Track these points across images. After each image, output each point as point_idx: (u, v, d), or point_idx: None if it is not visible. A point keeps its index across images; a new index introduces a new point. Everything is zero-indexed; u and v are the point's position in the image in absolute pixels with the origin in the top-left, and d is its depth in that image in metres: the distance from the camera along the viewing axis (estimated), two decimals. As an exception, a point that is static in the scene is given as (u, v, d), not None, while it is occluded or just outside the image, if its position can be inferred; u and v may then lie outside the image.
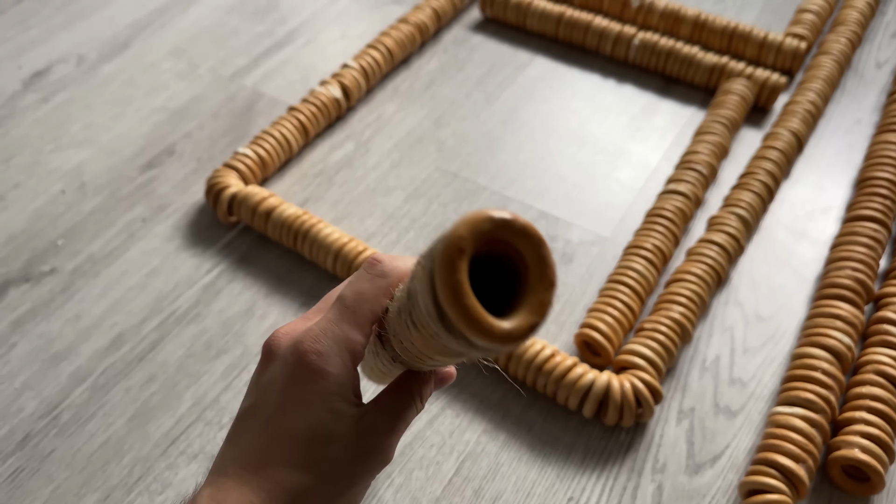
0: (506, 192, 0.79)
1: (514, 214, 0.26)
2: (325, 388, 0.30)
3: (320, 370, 0.30)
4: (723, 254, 0.68)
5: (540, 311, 0.26)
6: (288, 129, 0.81)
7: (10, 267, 0.73)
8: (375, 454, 0.31)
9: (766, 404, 0.62)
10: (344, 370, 0.31)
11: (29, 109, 0.90)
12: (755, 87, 0.85)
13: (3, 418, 0.62)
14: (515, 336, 0.26)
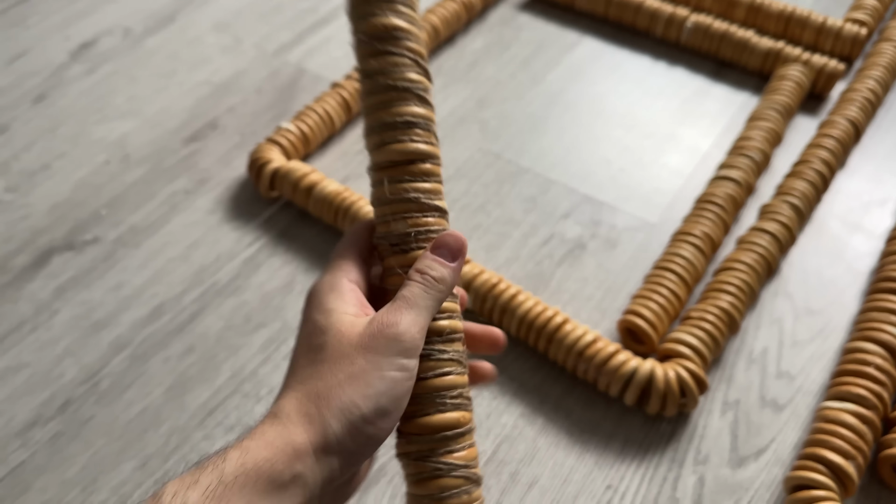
0: (549, 175, 0.77)
1: None
2: (321, 304, 0.34)
3: (318, 300, 0.35)
4: (774, 243, 0.66)
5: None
6: (331, 105, 0.80)
7: (54, 234, 0.74)
8: (381, 330, 0.32)
9: (814, 399, 0.60)
10: (338, 294, 0.34)
11: (75, 80, 0.91)
12: (811, 74, 0.82)
13: (45, 383, 0.62)
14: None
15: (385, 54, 0.37)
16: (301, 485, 0.30)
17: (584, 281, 0.68)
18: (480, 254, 0.71)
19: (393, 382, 0.32)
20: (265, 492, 0.29)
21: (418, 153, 0.37)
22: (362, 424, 0.31)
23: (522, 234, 0.72)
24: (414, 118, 0.37)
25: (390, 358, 0.32)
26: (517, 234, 0.72)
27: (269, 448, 0.30)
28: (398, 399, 0.32)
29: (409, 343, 0.32)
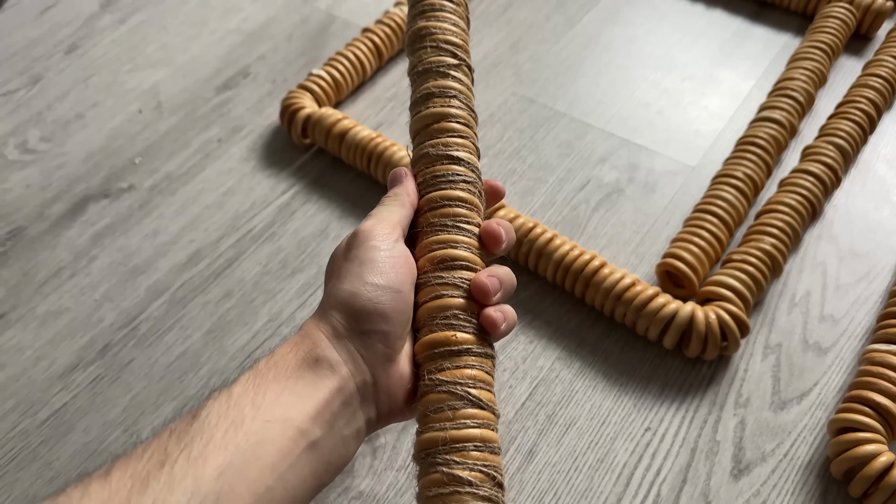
0: (586, 119, 0.76)
1: None
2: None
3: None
4: (818, 185, 0.64)
5: None
6: (362, 50, 0.79)
7: (90, 183, 0.74)
8: (352, 235, 0.37)
9: (859, 343, 0.59)
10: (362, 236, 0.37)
11: (106, 30, 0.91)
12: (858, 12, 0.79)
13: (85, 328, 0.63)
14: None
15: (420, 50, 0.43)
16: (327, 366, 0.33)
17: (621, 225, 0.67)
18: (515, 199, 0.70)
19: (371, 261, 0.35)
20: (297, 369, 0.32)
21: (436, 115, 0.41)
22: (359, 304, 0.34)
23: (558, 179, 0.71)
24: (434, 88, 0.42)
25: (363, 246, 0.35)
26: (552, 180, 0.71)
27: (292, 346, 0.33)
28: (388, 272, 0.35)
29: (370, 231, 0.36)
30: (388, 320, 0.34)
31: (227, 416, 0.29)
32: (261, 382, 0.31)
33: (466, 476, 0.33)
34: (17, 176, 0.75)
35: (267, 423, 0.30)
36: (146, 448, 0.29)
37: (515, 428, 0.55)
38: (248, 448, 0.29)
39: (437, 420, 0.34)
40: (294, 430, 0.30)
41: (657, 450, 0.54)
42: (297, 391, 0.31)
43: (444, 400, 0.35)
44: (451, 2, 0.45)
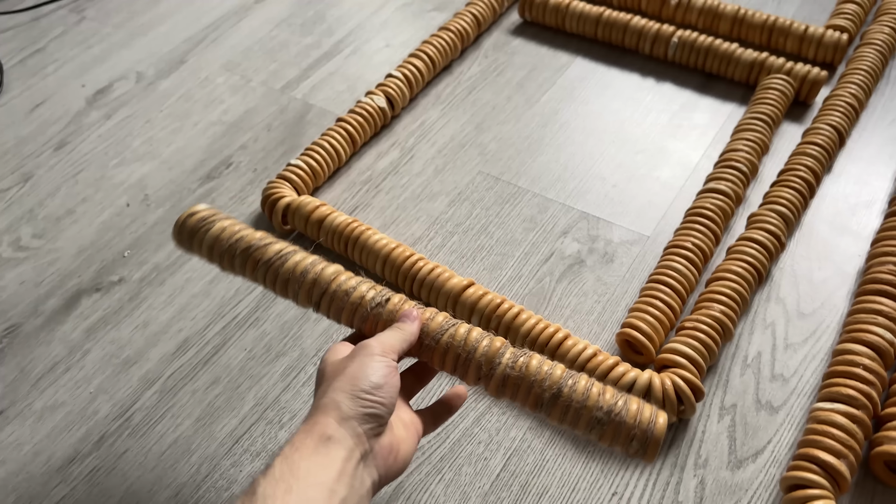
0: (547, 195, 0.81)
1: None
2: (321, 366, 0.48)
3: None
4: (763, 252, 0.69)
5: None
6: (336, 139, 0.84)
7: (82, 277, 0.78)
8: (360, 346, 0.47)
9: (808, 400, 0.63)
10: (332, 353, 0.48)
11: (94, 126, 0.96)
12: (795, 82, 0.85)
13: (80, 421, 0.67)
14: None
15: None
16: (336, 441, 0.41)
17: (583, 295, 0.72)
18: (484, 274, 0.74)
19: (378, 366, 0.44)
20: (315, 447, 0.41)
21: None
22: (364, 394, 0.43)
23: (524, 252, 0.76)
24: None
25: (371, 354, 0.45)
26: (518, 254, 0.76)
27: (306, 432, 0.42)
28: (385, 376, 0.44)
29: (380, 349, 0.46)
30: (383, 406, 0.44)
31: (279, 486, 0.38)
32: (292, 463, 0.40)
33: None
34: (11, 273, 0.79)
35: (309, 487, 0.39)
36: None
37: (491, 499, 0.59)
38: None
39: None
40: (328, 491, 0.39)
41: (623, 513, 0.57)
42: (320, 463, 0.40)
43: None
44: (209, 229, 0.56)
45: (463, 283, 0.68)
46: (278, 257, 0.54)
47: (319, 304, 0.53)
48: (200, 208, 0.58)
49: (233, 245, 0.54)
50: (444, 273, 0.69)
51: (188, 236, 0.57)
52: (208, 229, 0.56)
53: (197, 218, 0.57)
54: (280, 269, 0.53)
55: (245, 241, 0.54)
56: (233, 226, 0.56)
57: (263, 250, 0.54)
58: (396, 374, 0.46)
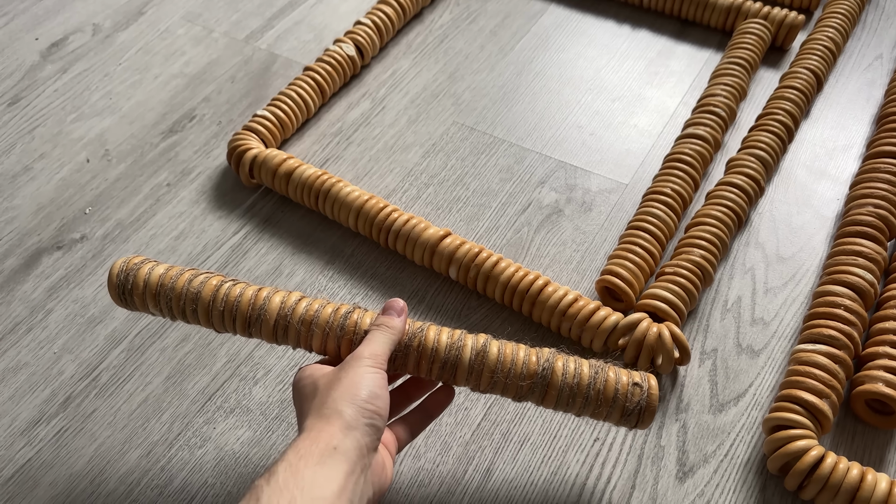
0: (523, 144, 0.79)
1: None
2: (301, 377, 0.48)
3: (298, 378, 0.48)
4: (743, 196, 0.68)
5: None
6: (304, 89, 0.81)
7: (42, 235, 0.75)
8: (350, 357, 0.47)
9: (788, 343, 0.62)
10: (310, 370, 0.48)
11: (49, 80, 0.91)
12: (772, 27, 0.84)
13: (45, 381, 0.64)
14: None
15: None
16: (342, 452, 0.41)
17: (562, 245, 0.70)
18: (461, 226, 0.72)
19: (372, 377, 0.45)
20: (321, 457, 0.40)
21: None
22: (364, 404, 0.43)
23: (501, 203, 0.74)
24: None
25: (363, 366, 0.45)
26: (495, 204, 0.74)
27: (312, 441, 0.41)
28: (380, 387, 0.45)
29: (371, 359, 0.46)
30: (382, 418, 0.44)
31: (283, 497, 0.38)
32: (296, 471, 0.39)
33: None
34: (-34, 233, 0.76)
35: (312, 500, 0.38)
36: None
37: (472, 448, 0.58)
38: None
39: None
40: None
41: (606, 459, 0.57)
42: (325, 475, 0.40)
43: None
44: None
45: (440, 234, 0.66)
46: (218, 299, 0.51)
47: (287, 337, 0.51)
48: (121, 263, 0.53)
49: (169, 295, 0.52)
50: (420, 224, 0.67)
51: (120, 294, 0.53)
52: (137, 284, 0.52)
53: (121, 271, 0.53)
54: (224, 311, 0.51)
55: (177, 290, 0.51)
56: (161, 272, 0.52)
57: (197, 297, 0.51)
58: (387, 386, 0.46)
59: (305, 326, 0.49)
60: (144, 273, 0.52)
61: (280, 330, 0.50)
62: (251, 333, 0.51)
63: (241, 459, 0.58)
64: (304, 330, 0.49)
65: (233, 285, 0.51)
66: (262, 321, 0.50)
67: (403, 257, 0.70)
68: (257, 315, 0.50)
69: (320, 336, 0.49)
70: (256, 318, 0.50)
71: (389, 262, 0.70)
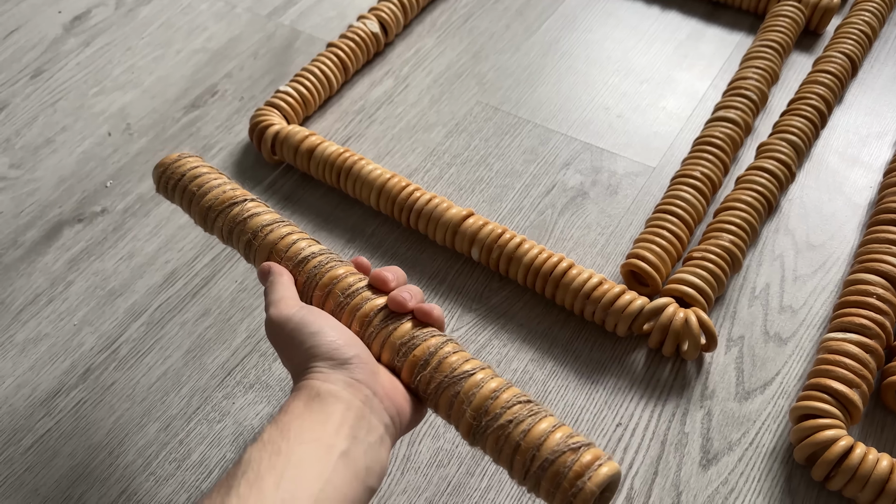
0: (548, 125, 0.78)
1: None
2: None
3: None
4: (773, 181, 0.66)
5: None
6: (328, 65, 0.80)
7: (63, 208, 0.75)
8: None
9: (817, 331, 0.61)
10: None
11: (71, 53, 0.91)
12: (806, 10, 0.82)
13: (65, 353, 0.64)
14: None
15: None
16: (329, 395, 0.37)
17: (587, 228, 0.69)
18: (484, 206, 0.72)
19: (302, 324, 0.41)
20: (307, 406, 0.37)
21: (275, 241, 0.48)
22: (321, 349, 0.39)
23: (524, 185, 0.73)
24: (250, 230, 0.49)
25: (288, 326, 0.41)
26: (519, 186, 0.73)
27: (294, 399, 0.38)
28: (315, 322, 0.41)
29: (281, 313, 0.42)
30: (351, 347, 0.40)
31: (266, 449, 0.34)
32: (283, 426, 0.36)
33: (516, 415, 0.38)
34: (-12, 204, 0.76)
35: (301, 446, 0.35)
36: (209, 495, 0.34)
37: (492, 430, 0.57)
38: (293, 465, 0.34)
39: (459, 406, 0.39)
40: (324, 447, 0.35)
41: (629, 444, 0.56)
42: (314, 420, 0.36)
43: (451, 384, 0.40)
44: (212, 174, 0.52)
45: (462, 213, 0.65)
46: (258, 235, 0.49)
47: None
48: (179, 157, 0.53)
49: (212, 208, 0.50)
50: (443, 203, 0.67)
51: (164, 186, 0.53)
52: (185, 186, 0.51)
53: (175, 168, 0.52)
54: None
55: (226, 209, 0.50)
56: (213, 180, 0.51)
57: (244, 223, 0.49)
58: (317, 310, 0.43)
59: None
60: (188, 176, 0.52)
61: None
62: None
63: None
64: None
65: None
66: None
67: (425, 237, 0.69)
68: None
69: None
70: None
71: (410, 242, 0.69)
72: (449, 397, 0.40)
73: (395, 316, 0.43)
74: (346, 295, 0.44)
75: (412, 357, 0.41)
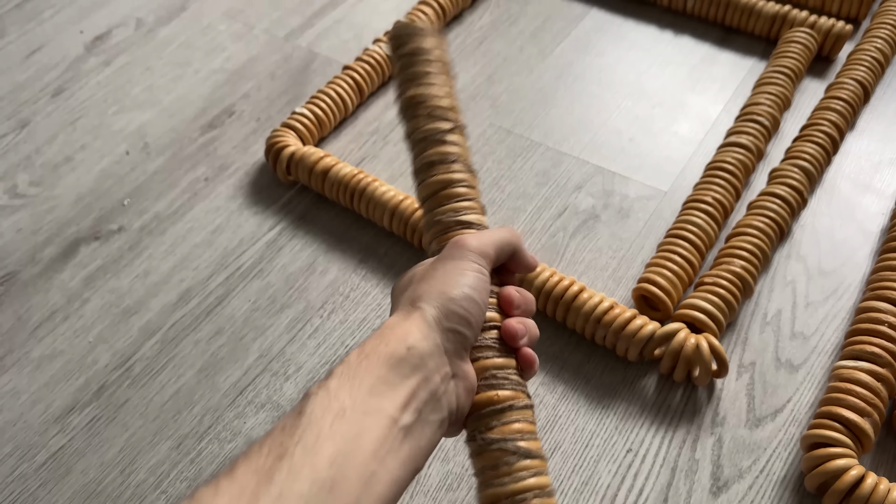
0: (560, 148, 0.78)
1: None
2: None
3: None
4: (785, 207, 0.67)
5: None
6: (343, 87, 0.81)
7: (80, 225, 0.76)
8: (454, 244, 0.40)
9: (829, 359, 0.61)
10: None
11: (92, 72, 0.92)
12: (819, 36, 0.82)
13: (79, 370, 0.65)
14: None
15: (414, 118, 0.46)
16: (416, 356, 0.35)
17: (598, 251, 0.69)
18: (496, 228, 0.72)
19: (473, 275, 0.38)
20: (388, 359, 0.34)
21: (442, 183, 0.44)
22: (452, 304, 0.36)
23: (536, 207, 0.73)
24: (435, 156, 0.45)
25: (465, 260, 0.38)
26: (531, 208, 0.73)
27: (381, 339, 0.35)
28: (479, 289, 0.38)
29: (477, 250, 0.39)
30: (471, 327, 0.37)
31: (330, 409, 0.32)
32: (354, 374, 0.33)
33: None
34: (7, 221, 0.77)
35: (364, 415, 0.32)
36: (262, 445, 0.31)
37: (502, 454, 0.57)
38: (352, 438, 0.31)
39: (495, 476, 0.37)
40: (388, 419, 0.33)
41: (639, 470, 0.56)
42: (389, 381, 0.34)
43: (500, 457, 0.37)
44: (435, 65, 0.47)
45: (474, 236, 0.66)
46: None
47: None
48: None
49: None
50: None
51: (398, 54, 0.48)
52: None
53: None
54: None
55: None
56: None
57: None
58: (488, 291, 0.39)
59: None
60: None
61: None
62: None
63: (270, 455, 0.58)
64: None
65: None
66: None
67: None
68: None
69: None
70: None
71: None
72: (488, 468, 0.38)
73: (499, 340, 0.40)
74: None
75: (482, 396, 0.39)
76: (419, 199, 0.46)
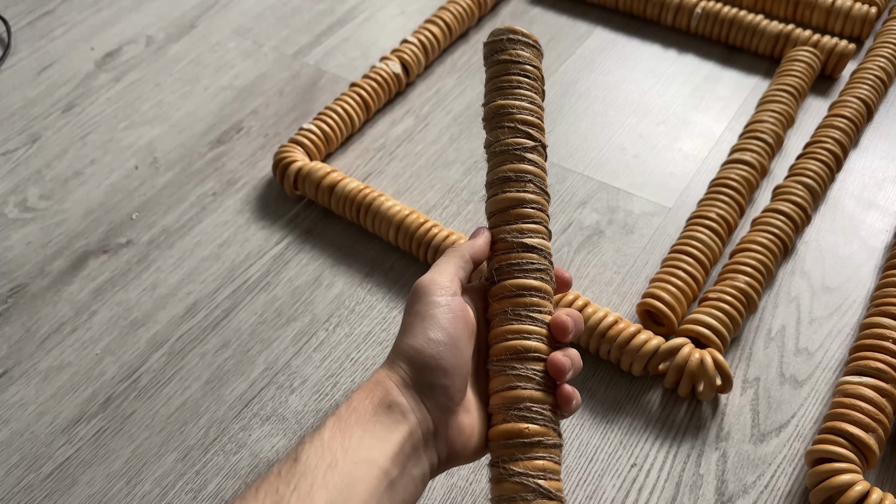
0: (565, 164, 0.79)
1: None
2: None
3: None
4: (789, 223, 0.67)
5: None
6: (350, 104, 0.82)
7: (89, 239, 0.76)
8: (414, 289, 0.40)
9: (833, 374, 0.61)
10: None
11: (102, 89, 0.94)
12: (822, 55, 0.83)
13: (87, 381, 0.65)
14: None
15: (497, 129, 0.45)
16: (399, 412, 0.36)
17: (602, 266, 0.70)
18: (501, 244, 0.72)
19: (431, 316, 0.38)
20: (374, 414, 0.36)
21: (512, 201, 0.43)
22: (420, 357, 0.37)
23: (541, 223, 0.74)
24: (511, 173, 0.44)
25: (422, 303, 0.39)
26: (536, 224, 0.74)
27: (367, 392, 0.37)
28: (446, 325, 0.38)
29: (430, 285, 0.39)
30: (448, 375, 0.38)
31: (324, 458, 0.33)
32: (345, 427, 0.35)
33: None
34: (17, 234, 0.77)
35: (356, 465, 0.34)
36: (258, 489, 0.33)
37: (506, 467, 0.57)
38: (344, 487, 0.33)
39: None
40: (378, 470, 0.34)
41: (643, 485, 0.56)
42: (377, 434, 0.35)
43: (518, 490, 0.38)
44: (528, 77, 0.46)
45: (480, 250, 0.66)
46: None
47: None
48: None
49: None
50: (460, 240, 0.68)
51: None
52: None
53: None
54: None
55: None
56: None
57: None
58: (467, 316, 0.39)
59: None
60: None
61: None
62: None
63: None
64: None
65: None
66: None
67: (443, 273, 0.70)
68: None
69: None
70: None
71: (429, 277, 0.70)
72: (504, 498, 0.38)
73: (542, 373, 0.40)
74: (518, 314, 0.41)
75: (513, 426, 0.39)
76: (487, 212, 0.45)
